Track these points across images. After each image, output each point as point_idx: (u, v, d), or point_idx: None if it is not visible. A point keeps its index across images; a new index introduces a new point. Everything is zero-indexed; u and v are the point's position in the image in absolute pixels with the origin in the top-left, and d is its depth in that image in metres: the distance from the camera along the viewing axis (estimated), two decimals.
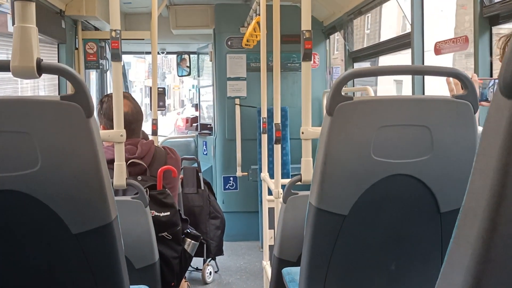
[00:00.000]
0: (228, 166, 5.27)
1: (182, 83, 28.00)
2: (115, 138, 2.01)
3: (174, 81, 30.22)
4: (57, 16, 4.07)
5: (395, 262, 1.54)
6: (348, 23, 4.36)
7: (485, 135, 0.61)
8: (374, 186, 1.42)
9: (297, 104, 5.05)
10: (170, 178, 2.42)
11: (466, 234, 0.63)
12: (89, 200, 1.24)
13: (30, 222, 1.25)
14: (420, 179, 1.43)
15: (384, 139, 1.40)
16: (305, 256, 1.53)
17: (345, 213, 1.44)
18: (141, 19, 5.38)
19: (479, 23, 2.35)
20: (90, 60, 4.66)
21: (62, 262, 1.31)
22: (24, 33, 1.20)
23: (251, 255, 4.94)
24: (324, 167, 1.41)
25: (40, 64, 1.19)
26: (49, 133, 1.19)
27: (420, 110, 1.42)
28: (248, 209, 5.25)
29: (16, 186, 1.20)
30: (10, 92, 3.69)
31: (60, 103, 1.19)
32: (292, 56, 5.15)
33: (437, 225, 1.50)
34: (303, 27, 2.07)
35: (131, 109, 2.39)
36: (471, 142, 1.43)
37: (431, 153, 1.42)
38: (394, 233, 1.51)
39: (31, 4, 1.20)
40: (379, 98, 1.47)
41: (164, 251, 2.18)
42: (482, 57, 2.36)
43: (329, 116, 1.40)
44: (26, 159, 1.18)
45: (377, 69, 1.72)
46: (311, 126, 2.15)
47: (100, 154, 1.23)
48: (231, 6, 5.14)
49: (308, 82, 2.13)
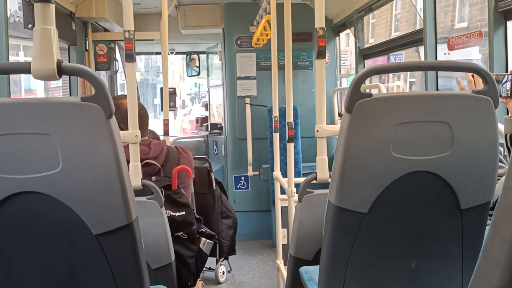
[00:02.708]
0: (239, 166, 5.27)
1: (183, 81, 25.80)
2: (130, 139, 2.02)
3: (173, 79, 28.28)
4: (67, 18, 4.09)
5: (415, 260, 1.53)
6: (358, 20, 4.34)
7: None
8: (394, 183, 1.41)
9: (307, 102, 5.05)
10: (184, 177, 2.43)
11: (503, 231, 0.62)
12: (110, 201, 1.24)
13: (51, 223, 1.25)
14: (440, 176, 1.42)
15: (403, 136, 1.39)
16: (324, 254, 1.53)
17: (365, 211, 1.43)
18: (150, 20, 5.39)
19: (493, 18, 2.33)
20: (101, 61, 4.68)
21: (83, 262, 1.32)
22: (44, 34, 1.20)
23: (263, 254, 4.93)
24: (344, 165, 1.40)
25: (61, 65, 1.20)
26: (70, 134, 1.19)
27: (440, 106, 1.40)
28: (260, 208, 5.25)
29: (37, 188, 1.20)
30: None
31: (80, 104, 1.19)
32: (302, 54, 5.14)
33: (458, 222, 1.48)
34: (317, 25, 2.06)
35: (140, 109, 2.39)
36: (492, 138, 1.41)
37: (451, 149, 1.41)
38: (414, 230, 1.50)
39: (51, 5, 1.20)
40: (398, 95, 1.45)
41: (180, 250, 2.18)
42: (497, 52, 2.34)
43: (348, 113, 1.39)
44: (48, 160, 1.19)
45: (397, 65, 1.71)
46: (325, 124, 2.14)
47: (121, 155, 1.23)
48: (240, 5, 5.14)
49: (322, 80, 2.12)
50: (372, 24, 13.13)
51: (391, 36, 12.67)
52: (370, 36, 12.85)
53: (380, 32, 14.10)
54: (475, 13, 9.35)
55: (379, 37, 13.58)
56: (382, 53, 4.27)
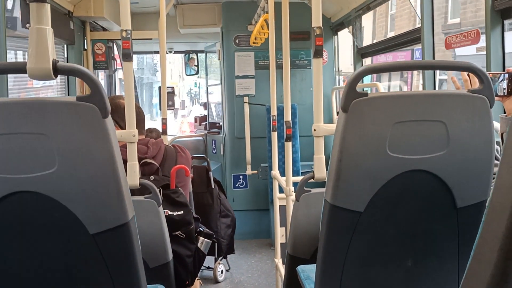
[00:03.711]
0: (237, 164, 5.27)
1: (183, 80, 25.00)
2: (128, 138, 2.02)
3: (171, 78, 27.28)
4: (65, 18, 4.09)
5: (412, 258, 1.53)
6: (356, 19, 4.34)
7: None
8: (390, 182, 1.42)
9: (306, 101, 5.06)
10: (182, 176, 2.43)
11: (494, 229, 0.62)
12: (106, 200, 1.24)
13: (48, 222, 1.25)
14: (436, 175, 1.42)
15: (399, 135, 1.39)
16: (321, 253, 1.53)
17: (361, 209, 1.44)
18: (148, 19, 5.39)
19: (490, 17, 2.33)
20: (99, 60, 4.67)
21: (79, 262, 1.32)
22: (40, 34, 1.20)
23: (262, 253, 4.94)
24: (340, 164, 1.40)
25: (56, 65, 1.20)
26: (66, 134, 1.19)
27: (436, 105, 1.41)
28: (259, 207, 5.25)
29: (34, 187, 1.20)
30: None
31: (76, 104, 1.19)
32: (300, 53, 5.14)
33: (454, 221, 1.49)
34: (314, 24, 2.06)
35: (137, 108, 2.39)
36: (488, 137, 1.42)
37: (447, 148, 1.41)
38: (411, 229, 1.50)
39: (46, 5, 1.21)
40: (394, 94, 1.46)
41: (178, 250, 2.18)
42: (494, 51, 2.34)
43: (344, 112, 1.40)
44: (44, 160, 1.19)
45: (392, 65, 1.71)
46: (323, 123, 2.14)
47: (117, 154, 1.23)
48: (238, 4, 5.14)
49: (319, 79, 2.12)
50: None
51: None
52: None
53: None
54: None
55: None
56: (380, 52, 4.27)
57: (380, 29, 14.17)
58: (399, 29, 12.52)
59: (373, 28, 14.16)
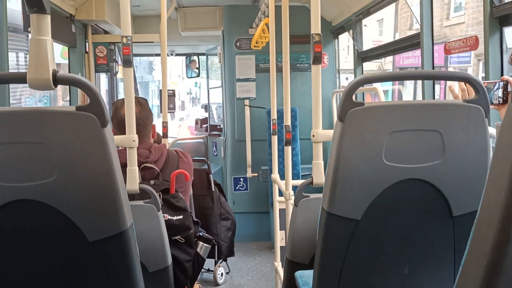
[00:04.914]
0: (238, 167, 5.28)
1: (182, 80, 23.95)
2: (128, 143, 2.03)
3: (170, 78, 26.03)
4: (67, 21, 4.11)
5: (408, 266, 1.55)
6: (356, 23, 4.35)
7: (499, 147, 0.62)
8: (387, 191, 1.43)
9: (307, 104, 5.05)
10: (183, 181, 2.44)
11: (481, 246, 0.63)
12: (104, 209, 1.26)
13: (47, 230, 1.27)
14: (432, 184, 1.44)
15: (395, 144, 1.41)
16: (318, 260, 1.54)
17: (358, 217, 1.45)
18: (150, 22, 5.41)
19: (489, 24, 2.34)
20: (101, 63, 4.69)
21: (78, 269, 1.34)
22: (40, 45, 1.22)
23: (262, 256, 4.95)
24: (336, 172, 1.42)
25: (56, 75, 1.21)
26: (65, 143, 1.21)
27: (431, 115, 1.42)
28: (259, 210, 5.26)
29: (33, 196, 1.22)
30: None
31: (75, 113, 1.21)
32: (301, 57, 5.16)
33: (450, 229, 1.50)
34: (313, 31, 2.07)
35: (138, 112, 2.39)
36: (483, 146, 1.43)
37: (443, 158, 1.42)
38: (407, 237, 1.51)
39: (47, 16, 1.22)
40: (390, 104, 1.47)
41: (177, 254, 2.20)
42: (492, 59, 2.35)
43: (340, 122, 1.41)
44: (43, 169, 1.21)
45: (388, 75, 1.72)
46: (321, 129, 2.15)
47: (115, 163, 1.24)
48: (240, 7, 5.15)
49: (318, 85, 2.13)
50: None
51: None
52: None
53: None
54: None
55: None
56: (380, 57, 4.28)
57: (404, 20, 13.19)
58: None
59: (395, 21, 13.41)
